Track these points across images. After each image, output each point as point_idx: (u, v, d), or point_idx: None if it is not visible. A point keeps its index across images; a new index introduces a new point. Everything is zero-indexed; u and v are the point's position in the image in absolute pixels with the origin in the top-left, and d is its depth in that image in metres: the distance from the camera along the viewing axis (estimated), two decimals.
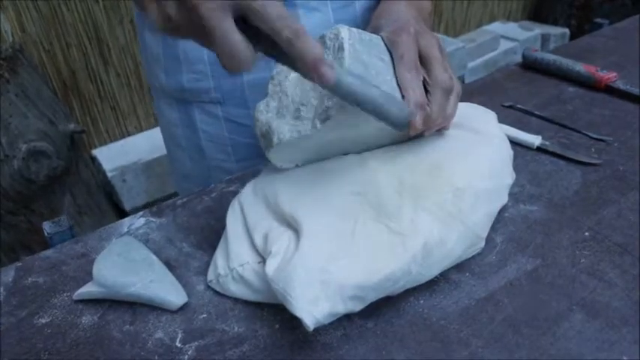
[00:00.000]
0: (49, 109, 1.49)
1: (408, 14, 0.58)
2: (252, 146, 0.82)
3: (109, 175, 1.77)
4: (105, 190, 1.80)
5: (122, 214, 1.87)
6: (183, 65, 0.78)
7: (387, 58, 0.51)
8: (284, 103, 0.51)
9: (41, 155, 1.42)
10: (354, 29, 0.49)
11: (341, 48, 0.47)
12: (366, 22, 0.76)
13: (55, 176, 1.48)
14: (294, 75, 0.51)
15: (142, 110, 1.98)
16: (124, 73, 1.88)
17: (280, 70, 0.52)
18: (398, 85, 0.50)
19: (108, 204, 1.78)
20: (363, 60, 0.48)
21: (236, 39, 0.39)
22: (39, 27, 1.67)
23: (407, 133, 0.51)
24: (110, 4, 1.76)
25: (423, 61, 0.53)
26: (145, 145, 1.90)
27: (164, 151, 1.82)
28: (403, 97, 0.50)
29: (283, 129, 0.50)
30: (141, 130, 2.00)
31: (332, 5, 0.73)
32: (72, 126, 1.53)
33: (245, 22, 0.40)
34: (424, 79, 0.52)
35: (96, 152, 1.88)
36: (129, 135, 1.99)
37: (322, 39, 0.49)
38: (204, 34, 0.40)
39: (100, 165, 1.83)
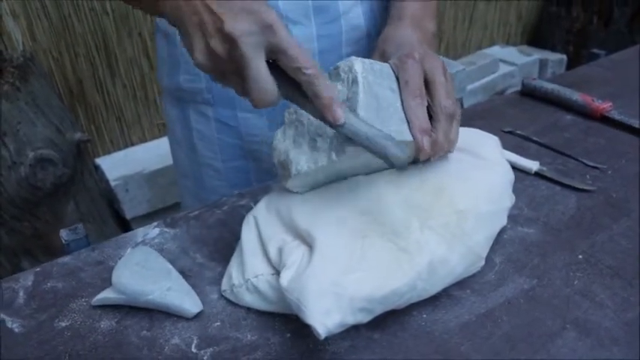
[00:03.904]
0: (57, 117, 1.51)
1: (413, 37, 0.61)
2: (238, 147, 0.87)
3: (113, 184, 1.80)
4: (107, 199, 1.82)
5: (123, 222, 1.90)
6: (182, 66, 0.83)
7: (395, 86, 0.55)
8: (300, 132, 0.54)
9: (48, 163, 1.44)
10: (366, 60, 0.52)
11: (355, 81, 0.50)
12: (351, 41, 0.79)
13: (61, 184, 1.50)
14: None
15: (147, 121, 2.01)
16: (130, 84, 1.92)
17: None
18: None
19: (109, 212, 1.80)
20: (375, 93, 0.51)
21: (266, 73, 0.45)
22: (49, 36, 1.70)
23: (417, 158, 0.55)
24: (120, 16, 1.80)
25: (428, 85, 0.56)
26: (148, 155, 1.93)
27: (167, 162, 1.87)
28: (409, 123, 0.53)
29: (300, 159, 0.52)
30: (144, 140, 2.03)
31: (315, 20, 0.75)
32: (78, 135, 1.55)
33: (271, 67, 0.47)
34: (428, 104, 0.55)
35: (99, 161, 1.91)
36: (132, 145, 2.02)
37: (336, 70, 0.52)
38: (237, 71, 0.46)
39: (102, 173, 1.85)
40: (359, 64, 0.51)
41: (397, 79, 0.56)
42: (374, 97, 0.51)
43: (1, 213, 1.47)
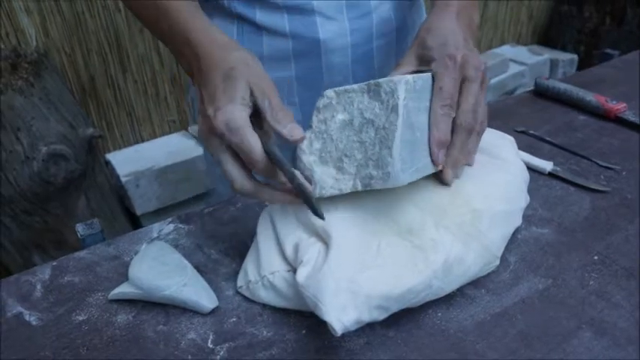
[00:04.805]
0: (70, 113, 1.52)
1: (459, 34, 0.58)
2: None
3: (123, 179, 1.81)
4: (117, 195, 1.83)
5: (133, 218, 1.91)
6: None
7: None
8: (328, 148, 0.53)
9: (60, 158, 1.46)
10: (410, 79, 0.50)
11: (395, 110, 0.49)
12: (381, 33, 0.80)
13: (72, 179, 1.51)
14: (340, 117, 0.52)
15: (157, 117, 2.02)
16: (141, 80, 1.93)
17: (327, 103, 0.53)
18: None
19: (119, 208, 1.81)
20: (412, 122, 0.51)
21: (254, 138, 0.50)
22: (62, 32, 1.72)
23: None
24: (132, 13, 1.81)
25: (461, 91, 0.56)
26: (158, 151, 1.94)
27: (177, 159, 1.88)
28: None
29: (326, 182, 0.52)
30: (155, 137, 2.04)
31: (348, 15, 0.77)
32: (91, 130, 1.57)
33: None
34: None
35: (110, 157, 1.92)
36: (142, 141, 2.03)
37: (377, 87, 0.50)
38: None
39: (113, 169, 1.86)
40: (402, 89, 0.49)
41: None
42: (410, 128, 0.50)
43: (13, 207, 1.48)
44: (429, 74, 0.55)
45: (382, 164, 0.49)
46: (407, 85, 0.50)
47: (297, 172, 0.50)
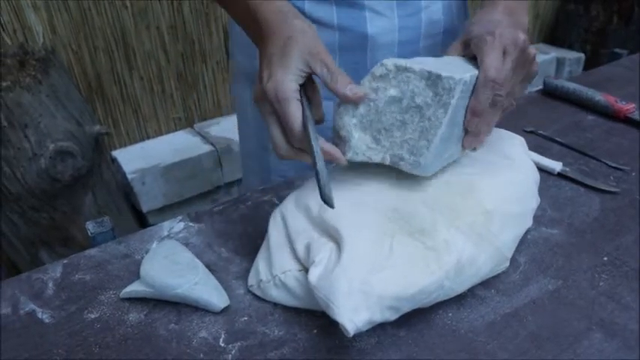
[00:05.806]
0: (77, 110, 1.53)
1: (503, 21, 0.58)
2: None
3: (130, 177, 1.81)
4: (123, 192, 1.84)
5: (139, 215, 1.91)
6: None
7: None
8: (370, 117, 0.54)
9: (67, 155, 1.46)
10: (467, 79, 0.52)
11: (445, 107, 0.51)
12: (429, 34, 0.82)
13: (79, 176, 1.51)
14: (392, 92, 0.53)
15: (163, 114, 2.02)
16: (147, 77, 1.93)
17: (385, 75, 0.53)
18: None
19: (125, 205, 1.82)
20: (455, 121, 0.53)
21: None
22: (69, 29, 1.72)
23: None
24: (138, 10, 1.81)
25: None
26: (164, 149, 1.94)
27: (183, 156, 1.88)
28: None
29: (359, 149, 0.54)
30: (161, 134, 2.05)
31: (398, 12, 0.78)
32: (97, 127, 1.57)
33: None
34: None
35: (116, 153, 1.92)
36: (148, 138, 2.03)
37: (437, 79, 0.51)
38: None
39: (119, 166, 1.87)
40: (459, 89, 0.51)
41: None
42: (451, 126, 0.53)
43: (20, 204, 1.49)
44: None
45: (416, 152, 0.52)
46: (464, 86, 0.52)
47: (319, 156, 0.50)
